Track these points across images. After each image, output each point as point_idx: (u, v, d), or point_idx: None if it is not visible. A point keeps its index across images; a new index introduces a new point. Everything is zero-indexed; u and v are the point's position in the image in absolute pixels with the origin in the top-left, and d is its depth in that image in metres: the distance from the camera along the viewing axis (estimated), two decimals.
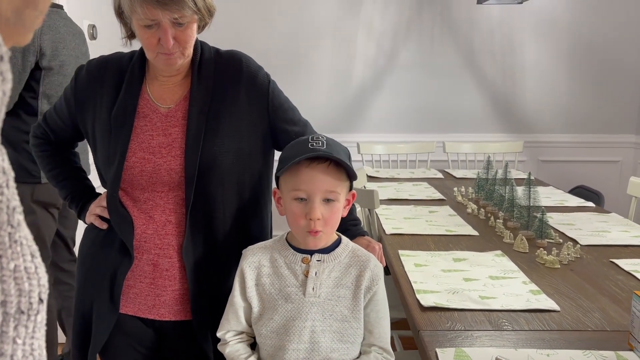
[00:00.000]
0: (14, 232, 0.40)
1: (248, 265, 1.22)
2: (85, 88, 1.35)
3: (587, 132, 4.07)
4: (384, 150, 3.77)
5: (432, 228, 2.20)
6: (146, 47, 1.25)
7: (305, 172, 1.16)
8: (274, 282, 1.21)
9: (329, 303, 1.18)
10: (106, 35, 2.81)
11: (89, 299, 1.34)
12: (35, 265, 0.42)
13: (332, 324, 1.17)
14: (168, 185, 1.28)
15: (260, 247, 1.26)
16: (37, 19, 0.46)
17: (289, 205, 1.19)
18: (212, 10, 1.27)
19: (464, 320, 1.35)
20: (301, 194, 1.17)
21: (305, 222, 1.17)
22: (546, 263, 1.77)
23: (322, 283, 1.19)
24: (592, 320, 1.37)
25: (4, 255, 0.39)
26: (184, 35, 1.22)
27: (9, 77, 0.37)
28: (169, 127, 1.29)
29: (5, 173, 0.39)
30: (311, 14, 3.91)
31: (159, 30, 1.20)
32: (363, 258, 1.23)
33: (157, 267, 1.30)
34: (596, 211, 2.54)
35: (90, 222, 1.39)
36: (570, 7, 3.94)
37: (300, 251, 1.22)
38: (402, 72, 4.00)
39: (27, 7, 0.45)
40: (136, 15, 1.18)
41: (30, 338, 0.41)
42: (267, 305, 1.20)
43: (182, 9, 1.17)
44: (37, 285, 0.42)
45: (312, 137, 1.19)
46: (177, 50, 1.24)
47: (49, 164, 1.49)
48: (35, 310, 0.41)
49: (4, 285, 0.38)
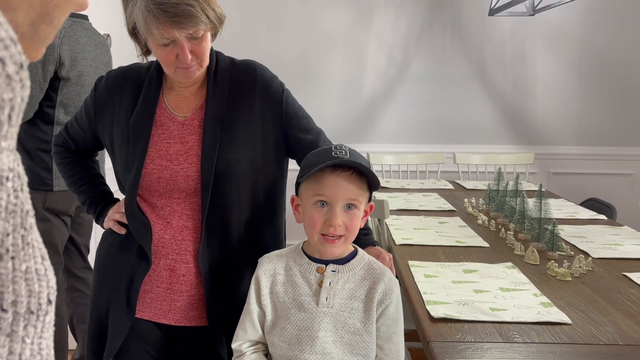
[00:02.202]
0: (27, 235, 0.40)
1: (264, 272, 1.23)
2: (104, 98, 1.39)
3: (599, 145, 4.05)
4: (394, 160, 3.77)
5: (442, 239, 2.19)
6: (165, 64, 1.28)
7: (329, 178, 1.16)
8: (288, 290, 1.20)
9: (341, 314, 1.17)
10: (120, 45, 2.85)
11: (105, 303, 1.36)
12: (45, 267, 0.43)
13: (344, 335, 1.16)
14: (185, 191, 1.31)
15: (276, 255, 1.27)
16: (51, 34, 0.47)
17: (309, 211, 1.19)
18: (222, 19, 1.30)
19: (474, 332, 1.34)
20: (323, 198, 1.17)
21: (323, 227, 1.17)
22: (557, 275, 1.75)
23: (336, 294, 1.18)
24: (605, 334, 1.35)
25: (17, 257, 0.39)
26: (200, 48, 1.25)
27: (27, 84, 0.38)
28: (186, 135, 1.32)
29: (20, 177, 0.40)
30: (322, 25, 3.94)
31: (176, 47, 1.22)
32: (378, 271, 1.22)
33: (174, 272, 1.31)
34: (608, 224, 2.52)
35: (109, 227, 1.41)
36: (582, 20, 3.94)
37: (316, 261, 1.22)
38: (412, 82, 4.00)
39: (42, 22, 0.46)
40: (152, 36, 1.21)
41: (39, 338, 0.42)
42: (281, 313, 1.19)
43: (197, 25, 1.19)
44: (47, 287, 0.43)
45: (335, 147, 1.20)
46: (194, 63, 1.26)
47: (69, 170, 1.52)
48: (44, 311, 0.42)
49: (15, 285, 0.39)
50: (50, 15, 0.46)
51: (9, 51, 0.35)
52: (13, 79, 0.36)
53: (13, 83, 0.36)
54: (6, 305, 0.39)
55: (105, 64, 2.35)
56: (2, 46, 0.35)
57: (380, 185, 1.24)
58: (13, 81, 0.36)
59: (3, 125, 0.36)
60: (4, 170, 0.37)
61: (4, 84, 0.35)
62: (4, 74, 0.35)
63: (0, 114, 0.35)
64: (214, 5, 1.23)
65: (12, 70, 0.36)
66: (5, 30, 0.36)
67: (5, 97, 0.35)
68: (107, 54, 2.39)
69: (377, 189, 1.23)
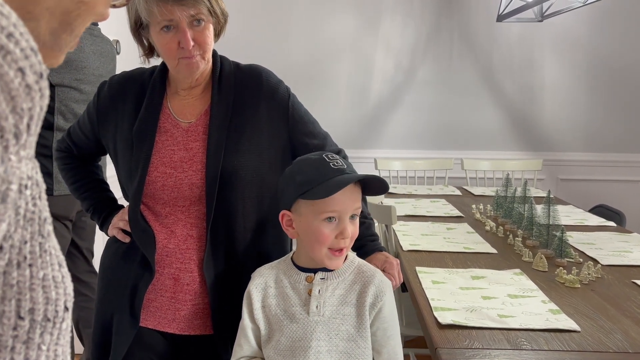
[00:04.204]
0: (44, 242, 0.41)
1: (255, 287, 1.21)
2: (107, 104, 1.37)
3: (608, 151, 4.02)
4: (401, 166, 3.77)
5: (449, 245, 2.18)
6: (167, 55, 1.26)
7: (339, 193, 1.12)
8: (280, 302, 1.19)
9: (334, 322, 1.15)
10: (129, 51, 2.87)
11: (109, 311, 1.34)
12: (62, 274, 0.43)
13: (339, 343, 1.15)
14: (189, 199, 1.29)
15: (267, 267, 1.25)
16: (71, 43, 0.48)
17: (316, 227, 1.15)
18: (226, 15, 1.29)
19: (482, 338, 1.34)
20: (334, 214, 1.14)
21: (334, 241, 1.15)
22: (566, 282, 1.74)
23: (326, 301, 1.17)
24: (614, 341, 1.34)
25: (34, 264, 0.40)
26: (202, 36, 1.24)
27: (46, 94, 0.38)
28: (190, 142, 1.30)
29: (38, 185, 0.40)
30: (330, 30, 3.95)
31: (178, 33, 1.21)
32: (368, 273, 1.20)
33: (178, 281, 1.30)
34: (617, 231, 2.51)
35: (113, 235, 1.40)
36: (590, 25, 3.93)
37: (305, 270, 1.21)
38: (420, 88, 4.00)
39: (64, 32, 0.46)
40: (153, 17, 1.20)
41: (55, 344, 0.42)
42: (274, 327, 1.18)
43: (198, 4, 1.19)
44: (64, 294, 0.43)
45: (328, 157, 1.16)
46: (197, 53, 1.25)
47: (72, 176, 1.51)
48: (60, 318, 0.42)
49: (32, 293, 0.40)
50: (72, 25, 0.47)
51: (29, 61, 0.36)
52: (32, 89, 0.36)
53: (32, 93, 0.36)
54: (23, 313, 0.39)
55: (109, 72, 2.35)
56: (23, 56, 0.36)
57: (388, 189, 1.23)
58: (33, 91, 0.36)
59: (22, 135, 0.36)
60: (23, 178, 0.38)
61: (24, 94, 0.36)
62: (23, 83, 0.36)
63: (20, 123, 0.36)
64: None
65: (32, 80, 0.36)
66: (26, 40, 0.36)
67: (24, 106, 0.36)
68: (111, 62, 2.40)
69: (378, 194, 1.21)
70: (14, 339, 0.39)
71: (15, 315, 0.39)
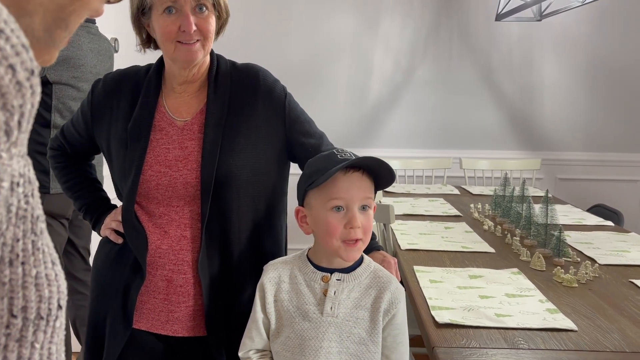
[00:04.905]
0: (37, 240, 0.41)
1: (268, 280, 1.20)
2: (101, 102, 1.36)
3: (606, 151, 4.03)
4: (400, 165, 3.77)
5: (447, 244, 2.18)
6: (165, 37, 1.23)
7: (343, 180, 1.13)
8: (292, 298, 1.18)
9: (346, 324, 1.15)
10: (128, 49, 2.86)
11: (102, 313, 1.33)
12: (55, 272, 0.43)
13: (350, 346, 1.14)
14: (184, 199, 1.27)
15: (282, 262, 1.24)
16: (65, 39, 0.48)
17: (324, 218, 1.14)
18: (228, 11, 1.29)
19: (480, 337, 1.34)
20: (340, 202, 1.13)
21: (344, 232, 1.13)
22: (563, 282, 1.74)
23: (341, 303, 1.16)
24: (611, 341, 1.34)
25: (27, 262, 0.40)
26: (205, 23, 1.22)
27: (38, 90, 0.38)
28: (185, 141, 1.29)
29: (30, 183, 0.40)
30: (329, 30, 3.95)
31: (180, 16, 1.20)
32: (384, 279, 1.19)
33: (171, 283, 1.28)
34: (615, 230, 2.51)
35: (105, 236, 1.38)
36: (590, 26, 3.93)
37: (321, 269, 1.20)
38: (419, 88, 4.00)
39: (58, 28, 0.46)
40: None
41: (49, 343, 0.42)
42: (285, 322, 1.17)
43: None
44: (57, 292, 0.42)
45: (336, 150, 1.17)
46: (197, 39, 1.23)
47: (64, 175, 1.49)
48: (54, 316, 0.42)
49: (25, 291, 0.39)
50: (66, 20, 0.46)
51: (20, 57, 0.36)
52: (23, 86, 0.36)
53: (23, 89, 0.36)
54: (16, 311, 0.39)
55: (106, 70, 2.35)
56: (14, 52, 0.35)
57: (384, 190, 1.22)
58: (23, 87, 0.36)
59: (13, 132, 0.36)
60: (15, 176, 0.37)
61: (15, 91, 0.35)
62: (14, 80, 0.35)
63: (10, 120, 0.35)
64: None
65: (23, 76, 0.36)
66: (17, 37, 0.36)
67: (15, 103, 0.35)
68: (109, 61, 2.39)
69: (388, 185, 1.19)
70: (7, 337, 0.39)
71: (7, 314, 0.39)
